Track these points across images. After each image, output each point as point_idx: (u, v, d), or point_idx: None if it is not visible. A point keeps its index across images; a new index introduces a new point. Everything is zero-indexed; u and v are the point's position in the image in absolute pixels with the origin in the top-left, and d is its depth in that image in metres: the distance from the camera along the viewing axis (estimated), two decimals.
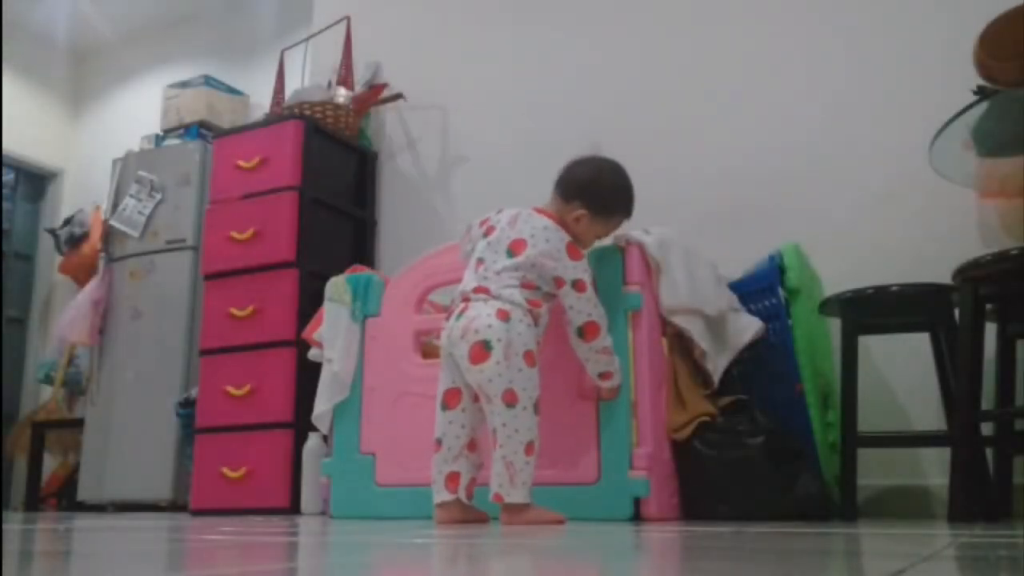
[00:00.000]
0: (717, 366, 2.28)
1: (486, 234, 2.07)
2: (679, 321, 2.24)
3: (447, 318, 2.01)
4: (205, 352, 3.29)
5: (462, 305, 1.98)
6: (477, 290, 1.98)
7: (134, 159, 4.26)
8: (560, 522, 1.87)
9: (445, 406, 1.97)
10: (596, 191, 2.09)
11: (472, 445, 1.96)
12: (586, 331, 2.01)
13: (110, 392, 4.01)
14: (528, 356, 1.91)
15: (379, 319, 2.51)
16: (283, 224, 3.23)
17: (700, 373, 2.30)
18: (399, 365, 2.43)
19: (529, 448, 1.87)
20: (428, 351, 2.52)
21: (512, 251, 2.00)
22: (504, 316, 1.91)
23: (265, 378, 3.12)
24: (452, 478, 1.92)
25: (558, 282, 1.99)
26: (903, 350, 2.53)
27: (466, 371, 1.92)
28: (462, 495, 1.92)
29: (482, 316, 1.91)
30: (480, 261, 2.04)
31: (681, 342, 2.29)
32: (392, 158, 3.80)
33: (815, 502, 2.13)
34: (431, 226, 3.52)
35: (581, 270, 2.01)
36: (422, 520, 2.14)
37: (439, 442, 1.96)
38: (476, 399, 1.96)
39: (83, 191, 5.34)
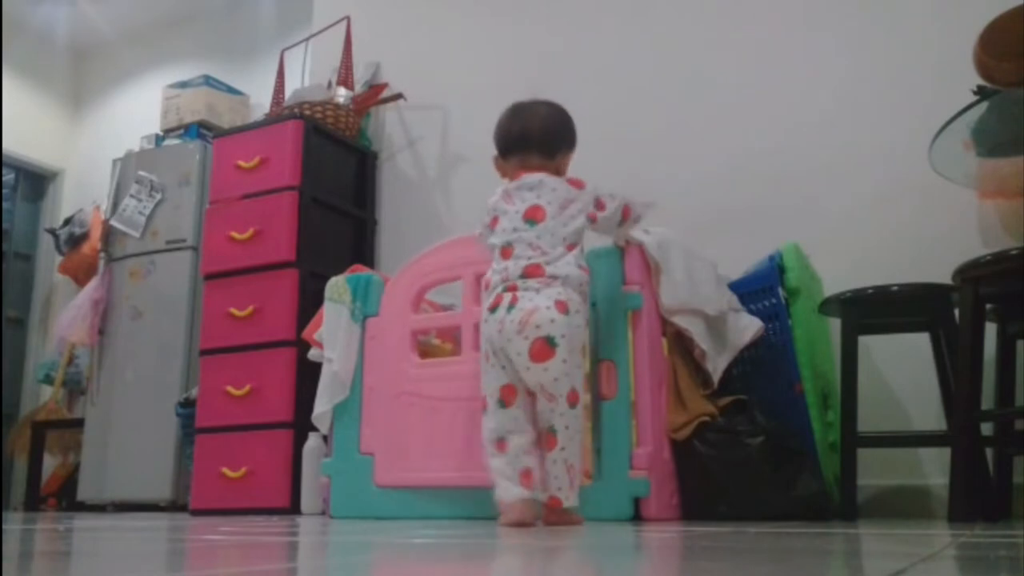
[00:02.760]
0: (717, 366, 2.27)
1: (492, 226, 2.00)
2: (679, 321, 2.24)
3: (490, 308, 1.88)
4: (205, 352, 3.29)
5: (510, 295, 1.85)
6: (529, 271, 1.86)
7: (134, 159, 4.27)
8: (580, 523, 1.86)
9: (503, 403, 1.85)
10: (569, 132, 2.10)
11: (538, 441, 1.84)
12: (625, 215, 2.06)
13: (110, 392, 4.01)
14: (583, 351, 1.87)
15: (378, 319, 2.51)
16: (283, 224, 3.23)
17: (700, 373, 2.29)
18: (397, 365, 2.43)
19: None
20: (426, 350, 2.51)
21: (533, 219, 1.93)
22: (564, 308, 1.82)
23: (265, 378, 3.12)
24: (526, 474, 1.80)
25: (591, 215, 1.98)
26: (903, 350, 2.53)
27: (524, 369, 1.82)
28: (539, 493, 1.80)
29: (541, 309, 1.81)
30: (509, 247, 1.92)
31: (681, 342, 2.28)
32: (392, 158, 3.79)
33: (815, 502, 2.13)
34: (431, 226, 3.52)
35: (593, 189, 2.01)
36: (422, 520, 2.14)
37: (502, 441, 1.83)
38: (529, 394, 1.86)
39: (83, 191, 5.34)
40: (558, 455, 1.80)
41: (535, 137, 2.05)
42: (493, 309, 1.87)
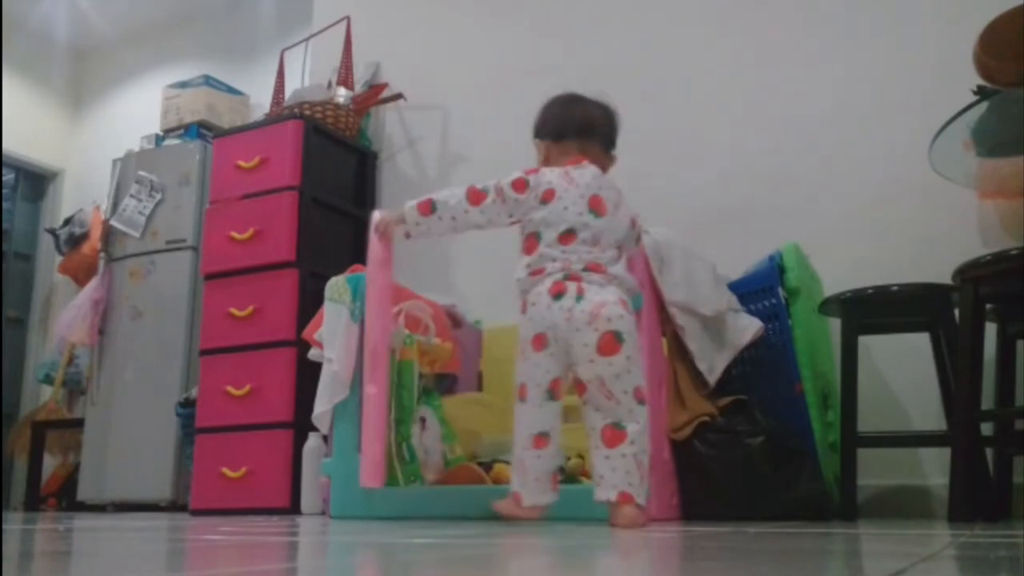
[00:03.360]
0: (713, 366, 2.27)
1: (545, 200, 1.88)
2: (677, 318, 2.24)
3: (552, 295, 1.80)
4: (205, 352, 3.29)
5: (575, 284, 1.79)
6: (590, 267, 1.81)
7: (134, 159, 4.27)
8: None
9: (552, 396, 1.81)
10: (613, 128, 2.03)
11: (595, 438, 1.80)
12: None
13: (110, 392, 4.01)
14: (640, 352, 1.84)
15: None
16: (283, 224, 3.23)
17: (700, 373, 2.30)
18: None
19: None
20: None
21: (596, 211, 1.88)
22: (626, 306, 1.81)
23: (265, 378, 3.12)
24: (556, 477, 1.79)
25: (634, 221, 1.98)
26: (903, 350, 2.53)
27: (587, 360, 1.76)
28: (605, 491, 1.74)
29: (610, 304, 1.77)
30: (572, 233, 1.85)
31: (681, 342, 2.29)
32: (392, 158, 3.80)
33: (815, 502, 2.13)
34: None
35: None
36: (422, 520, 2.14)
37: (543, 437, 1.79)
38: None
39: (83, 191, 5.34)
40: (627, 449, 1.73)
41: (600, 126, 2.00)
42: (557, 296, 1.79)
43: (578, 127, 1.99)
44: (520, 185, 1.91)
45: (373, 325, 2.14)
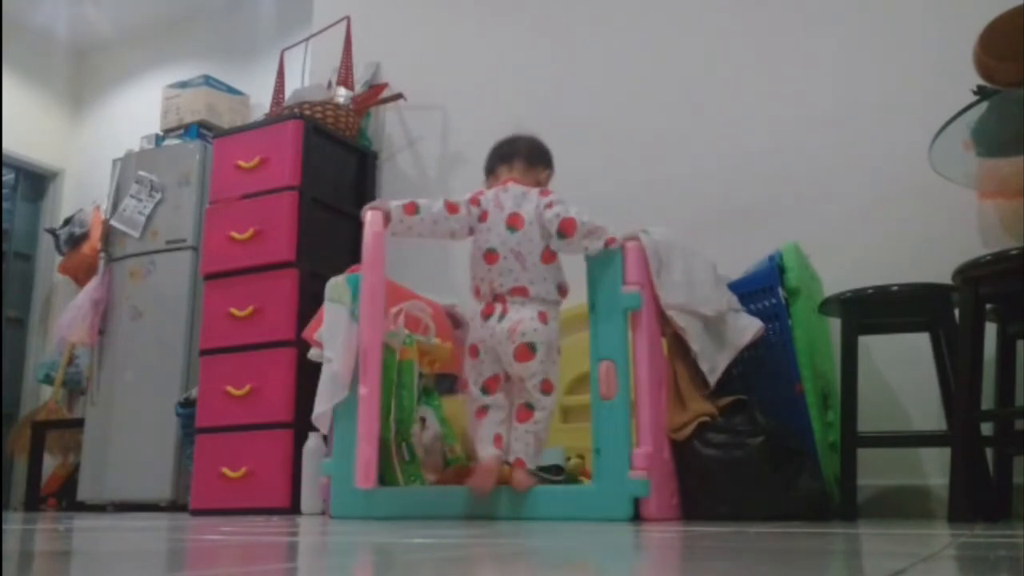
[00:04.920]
0: (715, 366, 2.27)
1: (481, 219, 2.29)
2: (677, 319, 2.24)
3: (484, 316, 2.24)
4: (205, 352, 3.29)
5: (500, 306, 2.22)
6: (513, 291, 2.22)
7: (134, 159, 4.27)
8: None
9: (486, 391, 2.25)
10: (546, 152, 2.45)
11: (511, 415, 2.24)
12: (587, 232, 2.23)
13: (110, 392, 4.01)
14: (558, 350, 2.25)
15: None
16: (283, 224, 3.23)
17: (700, 373, 2.29)
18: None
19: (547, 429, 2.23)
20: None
21: (513, 227, 2.25)
22: (544, 319, 2.21)
23: (265, 378, 3.12)
24: (498, 439, 2.20)
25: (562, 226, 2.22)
26: (903, 350, 2.53)
27: (510, 364, 2.21)
28: (506, 455, 2.20)
29: (526, 320, 2.19)
30: (493, 253, 2.25)
31: (681, 342, 2.29)
32: (392, 158, 3.79)
33: (815, 502, 2.13)
34: None
35: (560, 202, 2.26)
36: (421, 520, 2.14)
37: (483, 410, 2.24)
38: (507, 379, 2.26)
39: (83, 191, 5.34)
40: (531, 427, 2.18)
41: (520, 149, 2.42)
42: (487, 317, 2.24)
43: (501, 155, 2.42)
44: (474, 202, 2.33)
45: (365, 325, 2.16)
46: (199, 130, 4.28)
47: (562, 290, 2.29)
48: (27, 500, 4.53)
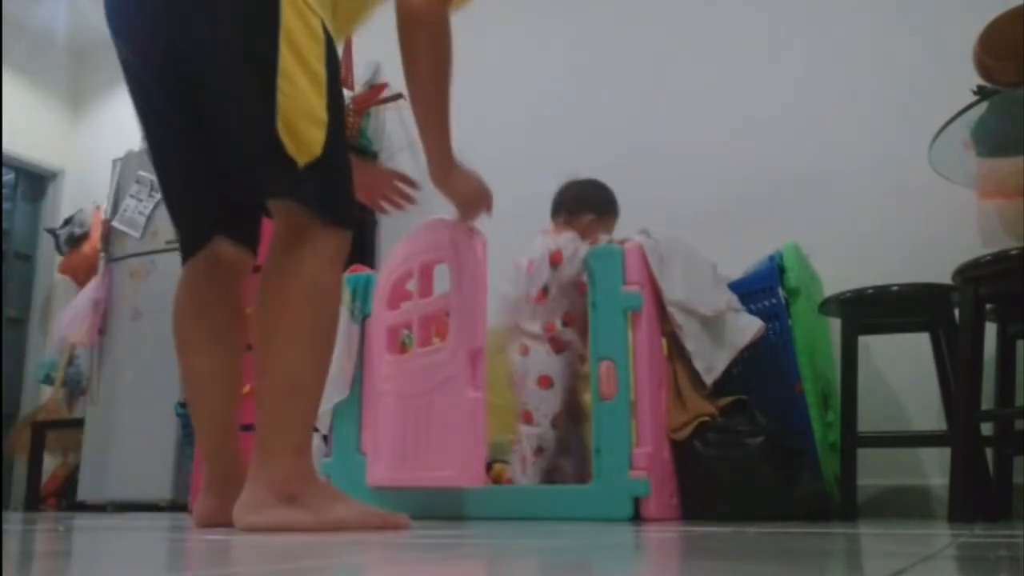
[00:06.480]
0: (712, 366, 2.27)
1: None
2: (676, 316, 2.24)
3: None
4: None
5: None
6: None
7: (134, 159, 4.26)
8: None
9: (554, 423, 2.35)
10: (596, 197, 2.51)
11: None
12: None
13: (110, 392, 4.00)
14: (542, 380, 2.31)
15: (372, 318, 2.49)
16: None
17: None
18: (373, 364, 2.39)
19: (537, 452, 2.28)
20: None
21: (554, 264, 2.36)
22: (525, 351, 2.35)
23: None
24: None
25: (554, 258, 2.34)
26: (903, 350, 2.53)
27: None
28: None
29: (511, 353, 2.39)
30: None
31: (680, 342, 2.28)
32: (392, 158, 3.79)
33: (815, 502, 2.13)
34: None
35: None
36: (421, 520, 2.13)
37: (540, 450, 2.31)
38: None
39: (83, 191, 5.33)
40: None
41: (560, 201, 2.54)
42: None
43: (552, 209, 2.52)
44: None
45: (470, 325, 2.04)
46: None
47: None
48: (27, 500, 4.53)
